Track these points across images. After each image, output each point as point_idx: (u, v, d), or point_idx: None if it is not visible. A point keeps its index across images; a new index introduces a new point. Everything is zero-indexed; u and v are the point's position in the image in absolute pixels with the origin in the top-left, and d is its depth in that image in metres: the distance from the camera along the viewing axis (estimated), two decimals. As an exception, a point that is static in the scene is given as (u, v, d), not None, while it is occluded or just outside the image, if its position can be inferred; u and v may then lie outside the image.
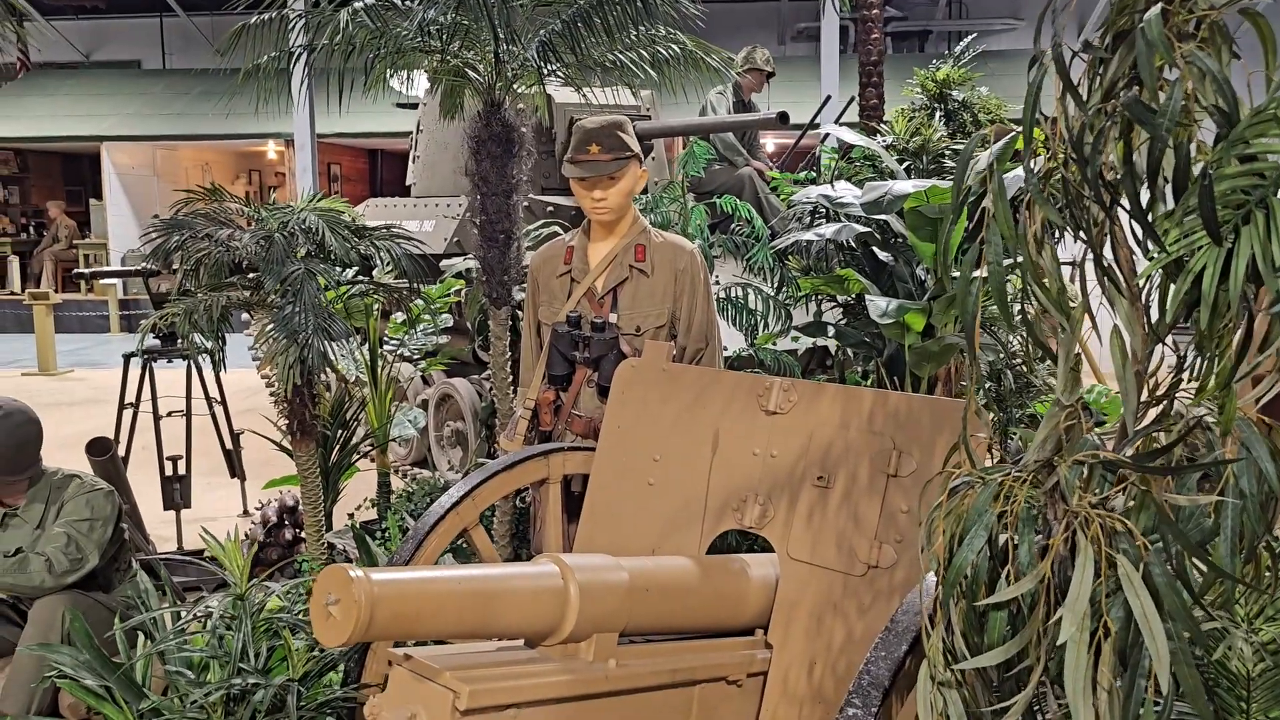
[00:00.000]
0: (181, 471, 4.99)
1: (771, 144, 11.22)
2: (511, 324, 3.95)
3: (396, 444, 6.37)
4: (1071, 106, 1.34)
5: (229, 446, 5.42)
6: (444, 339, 5.05)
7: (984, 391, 4.44)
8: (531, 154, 3.73)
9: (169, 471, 4.97)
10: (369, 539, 3.64)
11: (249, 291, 3.50)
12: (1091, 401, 4.92)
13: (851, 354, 4.91)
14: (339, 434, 4.32)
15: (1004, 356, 4.53)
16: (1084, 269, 1.38)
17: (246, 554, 2.77)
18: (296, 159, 14.38)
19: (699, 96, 5.13)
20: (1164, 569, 1.23)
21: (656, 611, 2.23)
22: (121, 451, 4.81)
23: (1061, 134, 1.35)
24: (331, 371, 4.12)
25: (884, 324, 4.01)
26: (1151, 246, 1.30)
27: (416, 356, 4.97)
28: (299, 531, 4.44)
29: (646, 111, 6.62)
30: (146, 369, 5.03)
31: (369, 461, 4.74)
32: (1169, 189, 1.29)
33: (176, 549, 4.86)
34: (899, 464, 2.24)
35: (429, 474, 5.87)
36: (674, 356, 2.89)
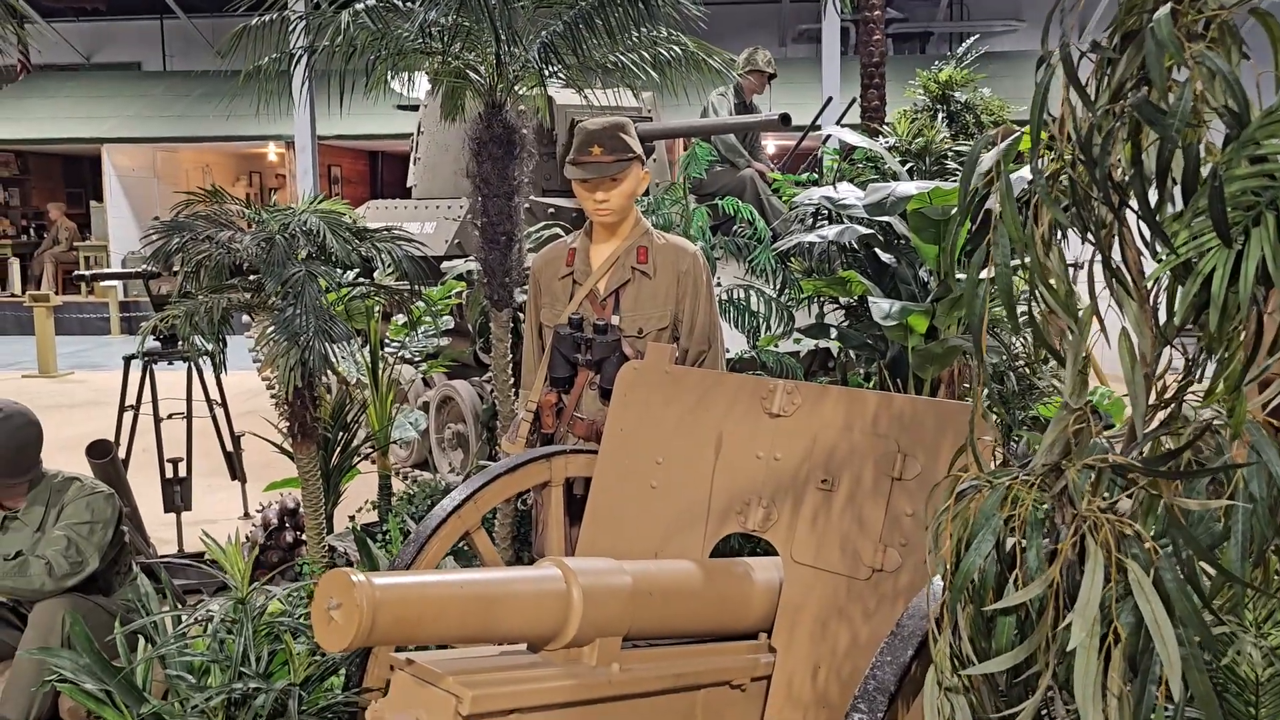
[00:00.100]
0: (182, 474, 4.99)
1: (773, 145, 11.21)
2: (513, 326, 3.94)
3: (397, 446, 6.36)
4: (1079, 107, 1.33)
5: (229, 449, 5.41)
6: (445, 341, 5.05)
7: (987, 393, 4.42)
8: (533, 156, 3.72)
9: (169, 474, 4.96)
10: (370, 541, 3.63)
11: (250, 293, 3.50)
12: (1095, 403, 4.91)
13: (854, 356, 4.90)
14: (340, 436, 4.32)
15: (1006, 358, 4.52)
16: (1091, 271, 1.36)
17: (247, 557, 2.77)
18: (297, 161, 14.37)
19: (700, 98, 5.12)
20: (1175, 574, 1.22)
21: (660, 615, 2.22)
22: (122, 454, 4.80)
23: (1069, 134, 1.34)
24: (332, 373, 4.11)
25: (887, 326, 4.00)
26: (1160, 248, 1.29)
27: (418, 358, 4.97)
28: (300, 534, 4.43)
29: (648, 113, 6.62)
30: (147, 371, 5.02)
31: (370, 464, 4.73)
32: (1178, 190, 1.28)
33: (177, 552, 4.85)
34: (903, 467, 2.23)
35: (430, 476, 5.86)
36: (676, 359, 2.87)
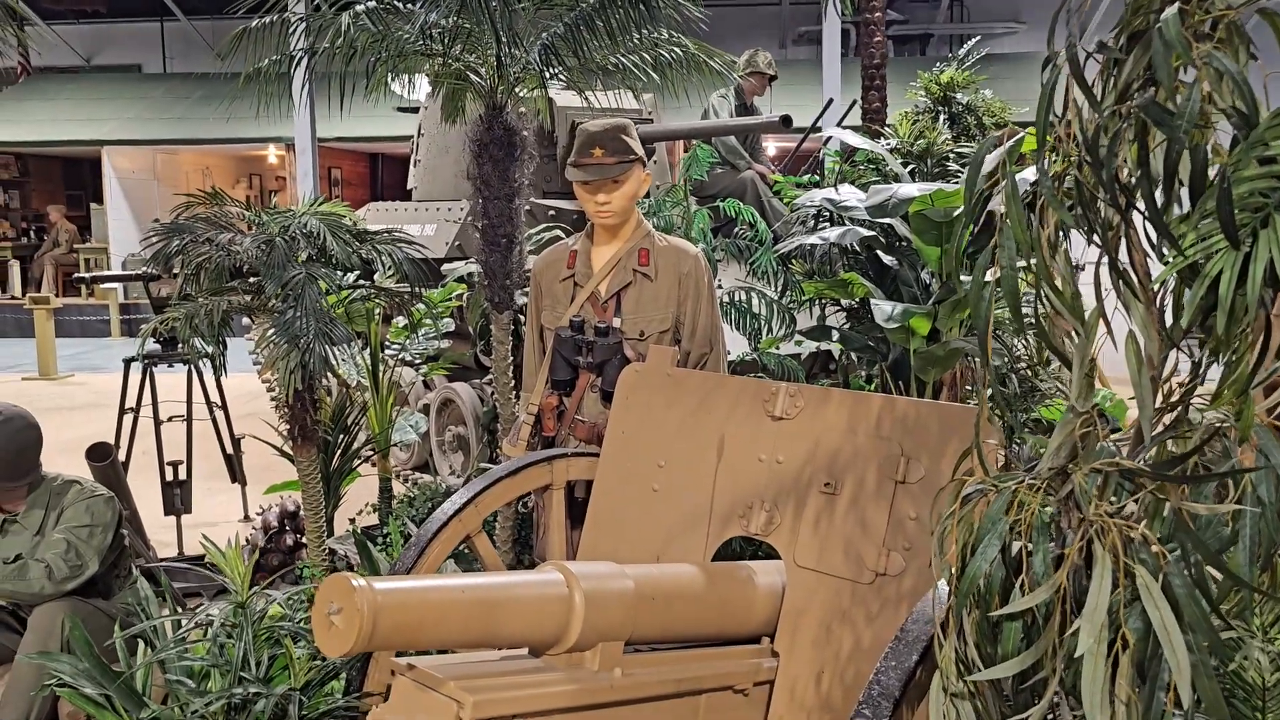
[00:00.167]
0: (182, 477, 4.98)
1: (774, 147, 11.21)
2: (514, 328, 3.93)
3: (398, 449, 6.35)
4: (1086, 108, 1.32)
5: (230, 451, 5.40)
6: (445, 343, 5.04)
7: (990, 396, 4.41)
8: (533, 157, 3.71)
9: (169, 477, 4.95)
10: (370, 544, 3.62)
11: (250, 296, 3.49)
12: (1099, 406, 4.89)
13: (855, 358, 4.90)
14: (340, 439, 4.31)
15: (1009, 360, 4.51)
16: (1098, 273, 1.35)
17: (247, 560, 2.75)
18: (297, 163, 14.36)
19: (701, 100, 5.11)
20: (1184, 579, 1.20)
21: (662, 620, 2.20)
22: (122, 457, 4.78)
23: (1075, 136, 1.33)
24: (333, 376, 4.11)
25: (889, 328, 3.99)
26: (1167, 250, 1.28)
27: (418, 361, 4.96)
28: (300, 537, 4.42)
29: (649, 115, 6.61)
30: (147, 374, 5.01)
31: (370, 466, 4.72)
32: (1185, 192, 1.27)
33: (177, 555, 4.84)
34: (907, 470, 2.21)
35: (431, 479, 5.86)
36: (678, 361, 2.86)
